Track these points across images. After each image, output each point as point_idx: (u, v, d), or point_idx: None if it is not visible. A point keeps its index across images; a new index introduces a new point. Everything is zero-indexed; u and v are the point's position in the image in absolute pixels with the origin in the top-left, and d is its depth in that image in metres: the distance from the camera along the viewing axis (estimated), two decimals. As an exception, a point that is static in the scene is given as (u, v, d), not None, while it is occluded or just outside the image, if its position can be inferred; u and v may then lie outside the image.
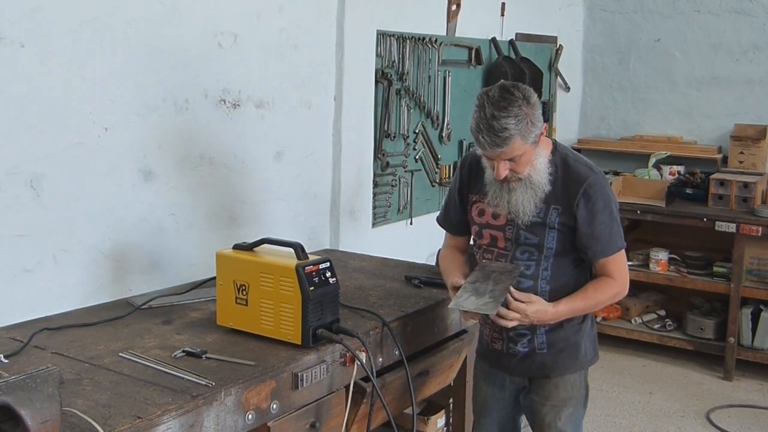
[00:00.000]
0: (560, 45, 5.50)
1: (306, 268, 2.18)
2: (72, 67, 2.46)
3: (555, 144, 2.36)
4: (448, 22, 4.30)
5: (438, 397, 3.06)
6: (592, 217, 2.28)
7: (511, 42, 4.87)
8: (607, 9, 5.76)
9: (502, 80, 2.28)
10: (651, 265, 5.05)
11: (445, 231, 2.63)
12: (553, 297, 2.34)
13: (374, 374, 2.29)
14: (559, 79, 5.57)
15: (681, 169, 5.29)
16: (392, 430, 2.29)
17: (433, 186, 4.32)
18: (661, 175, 5.28)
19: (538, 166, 2.26)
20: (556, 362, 2.43)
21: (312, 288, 2.16)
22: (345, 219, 3.62)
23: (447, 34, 4.30)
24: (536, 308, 2.28)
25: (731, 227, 4.63)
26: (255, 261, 2.27)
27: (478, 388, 2.62)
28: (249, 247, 2.33)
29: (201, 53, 2.88)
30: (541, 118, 2.21)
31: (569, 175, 2.30)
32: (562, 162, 2.32)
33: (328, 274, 2.23)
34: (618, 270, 2.36)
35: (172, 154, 2.82)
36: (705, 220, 4.73)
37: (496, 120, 2.12)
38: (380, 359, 2.42)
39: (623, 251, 2.37)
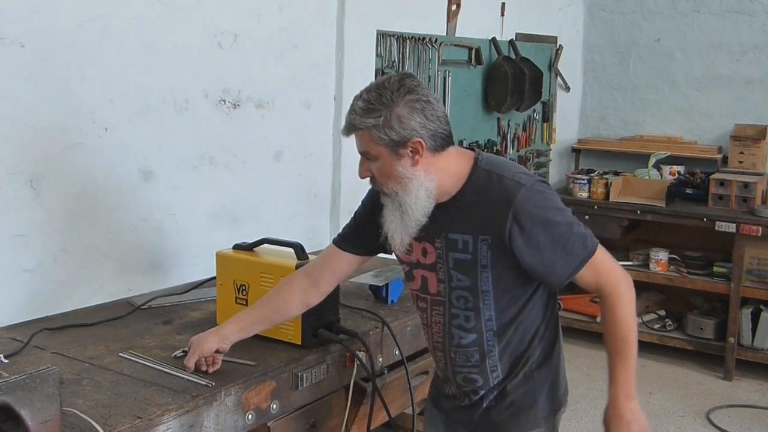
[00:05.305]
0: (560, 45, 5.50)
1: (306, 268, 2.17)
2: (72, 67, 2.46)
3: (476, 160, 1.86)
4: (448, 22, 4.30)
5: (438, 397, 3.06)
6: (535, 245, 1.80)
7: (511, 42, 4.87)
8: (607, 9, 5.76)
9: (409, 72, 1.86)
10: (651, 265, 5.05)
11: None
12: (503, 353, 1.93)
13: (374, 374, 2.29)
14: (559, 79, 5.57)
15: (681, 169, 5.29)
16: (392, 430, 2.29)
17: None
18: (661, 175, 5.28)
19: (412, 191, 1.81)
20: (501, 417, 1.97)
21: (312, 288, 2.15)
22: (345, 219, 3.58)
23: (447, 34, 4.30)
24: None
25: (731, 227, 4.63)
26: (255, 261, 2.27)
27: None
28: (249, 247, 2.33)
29: (201, 53, 2.88)
30: (415, 128, 1.76)
31: (493, 195, 1.82)
32: (486, 178, 1.84)
33: (328, 274, 2.23)
34: (601, 276, 1.85)
35: (172, 154, 2.82)
36: (705, 220, 4.73)
37: (357, 100, 1.81)
38: (380, 359, 2.42)
39: (597, 255, 1.83)
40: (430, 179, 1.81)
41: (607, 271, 1.85)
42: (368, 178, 1.88)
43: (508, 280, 1.86)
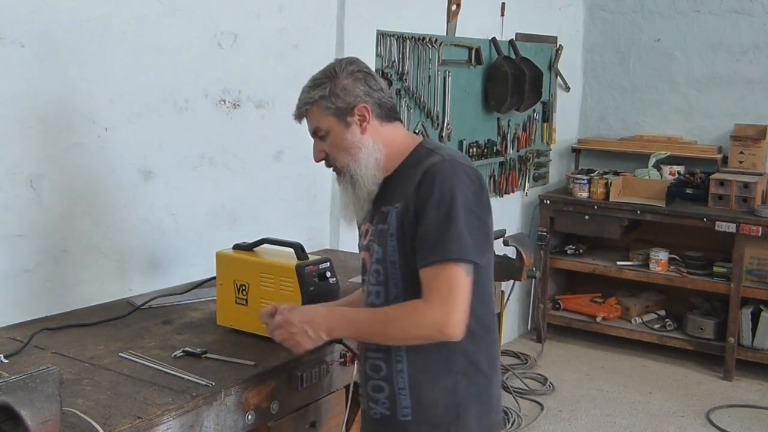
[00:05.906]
0: (560, 45, 5.50)
1: (306, 268, 2.18)
2: (72, 67, 2.46)
3: (422, 142, 1.90)
4: (448, 22, 4.30)
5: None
6: (422, 211, 1.72)
7: (511, 42, 4.87)
8: (607, 9, 5.76)
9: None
10: (651, 265, 5.05)
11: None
12: (411, 347, 1.80)
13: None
14: (559, 79, 5.57)
15: (681, 169, 5.29)
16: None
17: (433, 186, 4.31)
18: (661, 175, 5.29)
19: (362, 160, 1.83)
20: None
21: (312, 288, 2.15)
22: (345, 219, 3.62)
23: (447, 34, 4.30)
24: (292, 306, 1.85)
25: (731, 227, 4.64)
26: (255, 261, 2.27)
27: None
28: (249, 247, 2.33)
29: (201, 53, 2.88)
30: (359, 95, 1.84)
31: (418, 167, 1.80)
32: (421, 155, 1.84)
33: (328, 274, 2.23)
34: (436, 288, 1.67)
35: (172, 154, 2.82)
36: (705, 220, 4.73)
37: (308, 82, 1.91)
38: (380, 359, 2.42)
39: (459, 269, 1.68)
40: (378, 149, 1.85)
41: (446, 293, 1.67)
42: (323, 161, 1.94)
43: (413, 252, 1.77)
